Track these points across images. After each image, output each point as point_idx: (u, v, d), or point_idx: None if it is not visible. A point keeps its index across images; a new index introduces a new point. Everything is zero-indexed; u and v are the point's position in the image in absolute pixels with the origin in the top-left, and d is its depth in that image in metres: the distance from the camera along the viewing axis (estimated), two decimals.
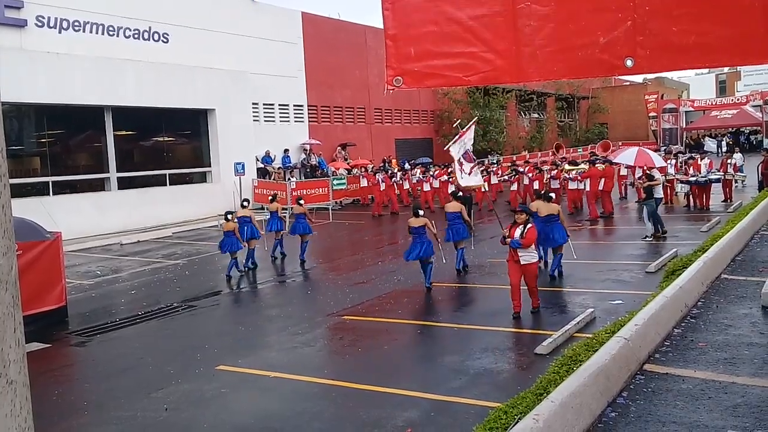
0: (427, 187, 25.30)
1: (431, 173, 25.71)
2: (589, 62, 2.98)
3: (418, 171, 26.75)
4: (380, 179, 24.77)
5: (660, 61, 2.91)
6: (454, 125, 14.67)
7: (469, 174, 13.01)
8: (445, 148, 14.32)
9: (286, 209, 19.51)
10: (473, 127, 13.65)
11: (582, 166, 21.57)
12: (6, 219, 2.23)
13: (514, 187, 23.51)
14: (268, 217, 16.62)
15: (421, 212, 11.82)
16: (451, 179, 21.83)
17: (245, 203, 15.85)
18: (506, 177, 24.98)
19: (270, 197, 17.12)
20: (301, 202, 16.05)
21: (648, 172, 16.95)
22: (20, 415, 2.23)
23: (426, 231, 11.60)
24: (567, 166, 23.50)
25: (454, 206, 13.21)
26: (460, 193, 13.93)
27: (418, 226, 11.54)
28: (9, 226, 2.25)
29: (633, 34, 2.86)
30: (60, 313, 10.82)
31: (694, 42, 2.76)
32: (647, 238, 15.39)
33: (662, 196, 17.98)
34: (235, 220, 14.18)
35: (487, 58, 3.12)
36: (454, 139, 13.31)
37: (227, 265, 13.96)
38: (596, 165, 20.85)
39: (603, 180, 20.16)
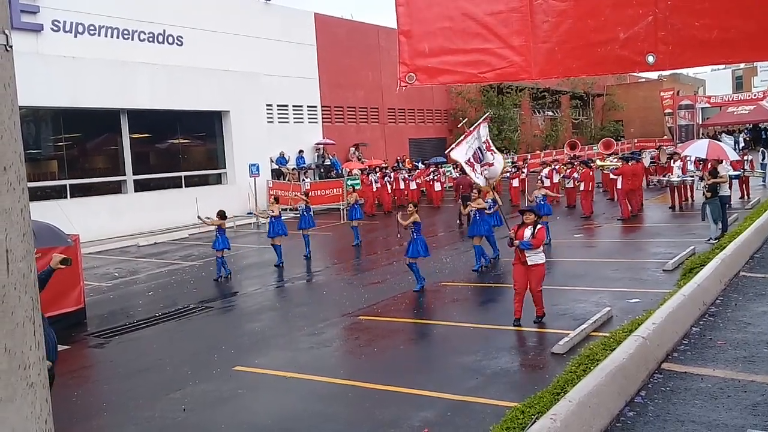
0: (438, 187, 26.14)
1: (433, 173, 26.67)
2: (608, 59, 2.93)
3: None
4: (373, 179, 24.93)
5: (682, 57, 2.84)
6: (459, 125, 14.56)
7: (482, 174, 12.99)
8: (446, 152, 14.26)
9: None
10: (484, 124, 13.46)
11: (615, 162, 21.42)
12: (25, 223, 2.24)
13: (570, 184, 22.70)
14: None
15: (409, 209, 11.88)
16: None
17: (273, 200, 16.20)
18: (506, 175, 24.84)
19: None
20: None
21: (710, 167, 15.64)
22: (41, 417, 2.25)
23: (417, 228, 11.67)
24: (599, 162, 23.36)
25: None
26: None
27: (405, 223, 11.70)
28: (28, 230, 2.27)
29: (654, 29, 2.80)
30: (78, 315, 10.91)
31: (717, 37, 2.70)
32: (711, 241, 13.82)
33: (729, 194, 16.16)
34: (225, 217, 14.43)
35: (503, 55, 3.08)
36: (457, 141, 13.27)
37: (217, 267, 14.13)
38: (628, 162, 20.25)
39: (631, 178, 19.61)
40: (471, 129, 13.07)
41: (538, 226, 9.14)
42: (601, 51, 2.92)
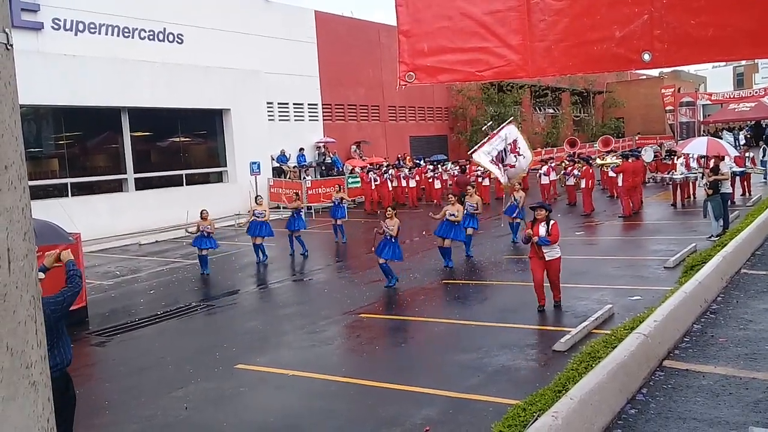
0: (438, 184, 26.08)
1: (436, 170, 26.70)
2: (605, 57, 2.94)
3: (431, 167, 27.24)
4: (372, 177, 24.96)
5: (678, 55, 2.86)
6: (484, 128, 15.05)
7: (504, 174, 13.58)
8: (468, 153, 14.66)
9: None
10: (511, 126, 13.99)
11: (615, 160, 21.44)
12: (26, 222, 2.25)
13: (571, 181, 22.79)
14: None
15: (388, 212, 12.21)
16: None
17: (258, 199, 16.35)
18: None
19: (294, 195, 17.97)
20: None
21: (712, 164, 15.61)
22: (42, 415, 2.25)
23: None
24: (598, 161, 23.32)
25: (471, 199, 14.62)
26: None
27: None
28: (29, 229, 2.27)
29: (650, 27, 2.81)
30: (80, 313, 10.92)
31: (713, 35, 2.71)
32: (712, 238, 13.75)
33: (730, 191, 16.25)
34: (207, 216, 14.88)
35: (501, 54, 3.11)
36: (479, 144, 13.62)
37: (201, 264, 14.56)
38: (629, 159, 20.17)
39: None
40: (494, 132, 13.62)
41: (552, 221, 9.42)
42: (598, 49, 2.94)
